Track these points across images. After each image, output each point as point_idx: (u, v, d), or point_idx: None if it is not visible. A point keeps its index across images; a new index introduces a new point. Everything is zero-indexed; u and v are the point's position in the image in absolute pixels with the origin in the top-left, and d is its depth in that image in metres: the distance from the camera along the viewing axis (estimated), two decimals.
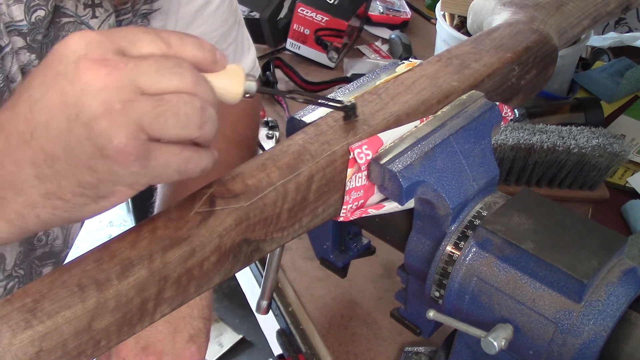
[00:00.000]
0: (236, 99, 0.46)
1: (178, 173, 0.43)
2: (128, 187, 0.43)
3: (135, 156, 0.40)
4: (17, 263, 0.75)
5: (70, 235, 0.84)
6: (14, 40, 0.61)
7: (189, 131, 0.42)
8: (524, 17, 0.77)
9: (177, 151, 0.42)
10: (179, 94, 0.41)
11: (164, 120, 0.40)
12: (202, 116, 0.42)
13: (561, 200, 1.02)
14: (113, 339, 0.44)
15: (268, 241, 0.51)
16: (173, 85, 0.41)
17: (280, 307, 0.94)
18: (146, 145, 0.40)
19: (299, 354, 0.89)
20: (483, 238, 0.54)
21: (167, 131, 0.41)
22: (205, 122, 0.42)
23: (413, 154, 0.56)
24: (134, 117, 0.39)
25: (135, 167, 0.41)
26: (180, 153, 0.42)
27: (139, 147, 0.40)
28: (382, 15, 1.52)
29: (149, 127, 0.40)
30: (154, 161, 0.41)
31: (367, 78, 0.64)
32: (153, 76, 0.40)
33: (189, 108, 0.41)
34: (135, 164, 0.41)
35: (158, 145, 0.41)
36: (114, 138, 0.39)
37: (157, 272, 0.44)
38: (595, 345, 0.50)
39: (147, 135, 0.40)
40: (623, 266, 0.53)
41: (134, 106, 0.39)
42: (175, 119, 0.41)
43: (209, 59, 0.44)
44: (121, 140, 0.39)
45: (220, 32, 0.83)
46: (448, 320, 0.57)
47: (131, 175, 0.41)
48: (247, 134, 0.89)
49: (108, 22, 0.68)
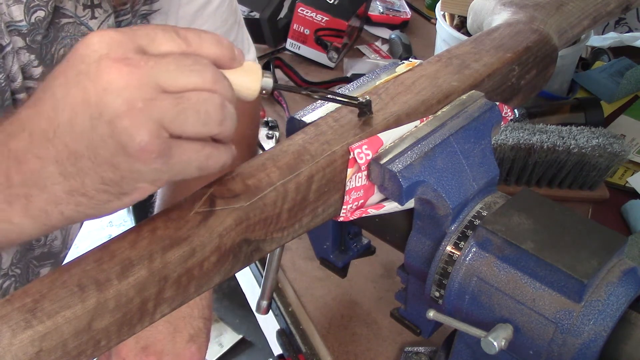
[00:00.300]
0: (253, 96, 0.46)
1: (199, 169, 0.43)
2: (150, 184, 0.43)
3: (157, 153, 0.41)
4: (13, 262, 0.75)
5: (70, 236, 0.84)
6: (14, 40, 0.61)
7: (210, 128, 0.42)
8: (524, 17, 0.77)
9: (198, 148, 0.43)
10: (199, 92, 0.41)
11: (185, 117, 0.41)
12: (222, 113, 0.42)
13: (561, 200, 1.02)
14: (113, 339, 0.44)
15: (268, 241, 0.51)
16: (193, 83, 0.41)
17: (280, 307, 0.94)
18: (168, 142, 0.41)
19: (299, 354, 0.89)
20: (483, 238, 0.54)
21: (188, 128, 0.41)
22: (225, 119, 0.43)
23: (413, 154, 0.56)
24: (155, 115, 0.40)
25: (157, 164, 0.41)
26: (201, 150, 0.43)
27: (160, 145, 0.40)
28: (382, 15, 1.52)
29: (170, 124, 0.40)
30: (175, 158, 0.42)
31: (367, 78, 0.64)
32: (173, 74, 0.41)
33: (209, 105, 0.42)
34: (157, 161, 0.41)
35: (179, 142, 0.42)
36: (137, 136, 0.40)
37: (157, 272, 0.44)
38: (595, 345, 0.50)
39: (169, 132, 0.41)
40: (623, 266, 0.53)
41: (155, 104, 0.40)
42: (196, 117, 0.41)
43: (227, 55, 0.44)
44: (143, 138, 0.40)
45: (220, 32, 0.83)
46: (448, 320, 0.57)
47: (153, 172, 0.42)
48: (247, 134, 0.89)
49: (107, 22, 0.68)
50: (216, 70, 0.43)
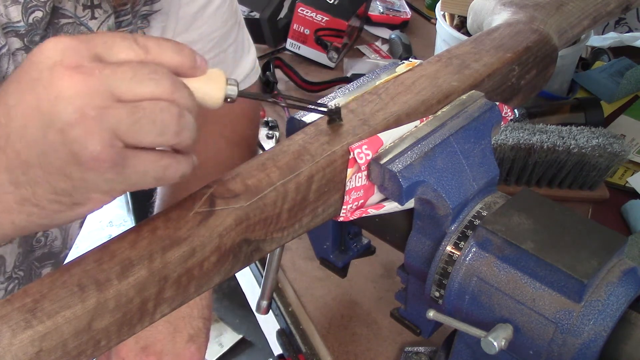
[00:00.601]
0: (217, 104, 0.45)
1: (156, 180, 0.43)
2: (104, 194, 0.43)
3: (110, 163, 0.40)
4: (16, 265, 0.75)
5: (69, 236, 0.84)
6: (11, 42, 0.61)
7: (166, 138, 0.41)
8: (524, 17, 0.77)
9: (155, 158, 0.42)
10: (156, 101, 0.40)
11: (140, 127, 0.40)
12: (180, 123, 0.41)
13: (561, 200, 1.02)
14: (113, 339, 0.44)
15: (268, 241, 0.51)
16: (149, 92, 0.40)
17: (280, 307, 0.94)
18: (122, 152, 0.40)
19: (299, 354, 0.89)
20: (483, 238, 0.54)
21: (143, 138, 0.40)
22: (182, 129, 0.42)
23: (413, 154, 0.56)
24: (109, 124, 0.39)
25: (111, 174, 0.41)
26: (157, 160, 0.42)
27: (114, 154, 0.40)
28: (382, 15, 1.52)
29: (124, 134, 0.40)
30: (130, 168, 0.41)
31: (367, 78, 0.64)
32: (129, 82, 0.40)
33: (166, 115, 0.41)
34: (111, 171, 0.40)
35: (135, 152, 0.41)
36: (89, 145, 0.39)
37: (157, 272, 0.44)
38: (595, 345, 0.50)
39: (123, 142, 0.40)
40: (623, 266, 0.53)
41: (109, 113, 0.39)
42: (152, 126, 0.40)
43: (187, 64, 0.44)
44: (96, 148, 0.39)
45: (220, 33, 0.83)
46: (448, 320, 0.57)
47: (106, 182, 0.41)
48: (247, 134, 0.89)
49: (107, 23, 0.68)
50: (175, 79, 0.42)
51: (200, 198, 0.48)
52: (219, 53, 0.84)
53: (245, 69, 0.89)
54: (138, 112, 0.40)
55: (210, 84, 0.45)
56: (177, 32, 0.78)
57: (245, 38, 0.91)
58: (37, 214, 0.43)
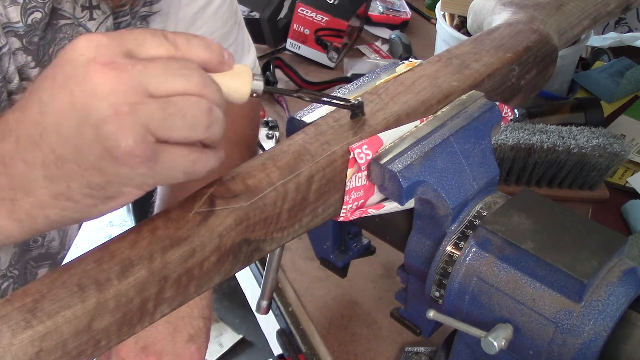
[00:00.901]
0: (243, 99, 0.46)
1: (185, 174, 0.43)
2: (136, 188, 0.43)
3: (143, 158, 0.40)
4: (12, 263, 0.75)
5: (67, 236, 0.84)
6: (11, 41, 0.61)
7: (196, 133, 0.42)
8: (524, 17, 0.77)
9: (185, 153, 0.42)
10: (186, 96, 0.41)
11: (171, 122, 0.41)
12: (209, 118, 0.42)
13: (561, 200, 1.02)
14: (113, 339, 0.44)
15: (268, 241, 0.51)
16: (180, 87, 0.41)
17: (280, 307, 0.94)
18: (154, 147, 0.41)
19: (299, 354, 0.89)
20: (483, 238, 0.54)
21: (174, 133, 0.41)
22: (212, 124, 0.42)
23: (413, 154, 0.56)
24: (141, 120, 0.40)
25: (143, 168, 0.41)
26: (187, 155, 0.43)
27: (146, 149, 0.40)
28: (382, 15, 1.52)
29: (156, 129, 0.40)
30: (161, 163, 0.42)
31: (367, 78, 0.64)
32: (160, 78, 0.41)
33: (196, 110, 0.41)
34: (143, 166, 0.41)
35: (166, 147, 0.42)
36: (122, 140, 0.39)
37: (157, 272, 0.44)
38: (595, 345, 0.50)
39: (155, 137, 0.41)
40: (623, 266, 0.53)
41: (141, 109, 0.40)
42: (183, 121, 0.41)
43: (216, 59, 0.44)
44: (129, 143, 0.40)
45: (220, 34, 0.83)
46: (448, 320, 0.57)
47: (139, 177, 0.42)
48: (247, 134, 0.89)
49: (106, 24, 0.68)
50: (204, 74, 0.43)
51: (200, 198, 0.48)
52: None
53: None
54: (169, 107, 0.40)
55: (237, 79, 0.45)
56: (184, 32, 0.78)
57: (245, 38, 0.91)
58: (71, 208, 0.44)
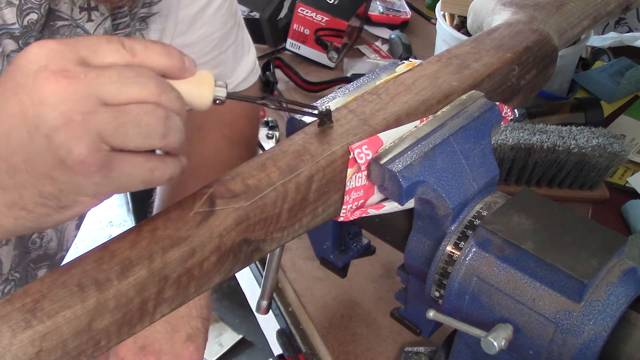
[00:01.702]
0: (206, 106, 0.45)
1: (143, 183, 0.43)
2: (91, 197, 0.43)
3: (97, 167, 0.40)
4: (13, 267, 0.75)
5: (65, 237, 0.84)
6: (6, 44, 0.61)
7: (152, 141, 0.41)
8: (524, 17, 0.77)
9: (141, 161, 0.42)
10: (142, 104, 0.41)
11: (125, 131, 0.40)
12: (166, 126, 0.41)
13: (561, 200, 1.02)
14: (113, 339, 0.44)
15: (268, 241, 0.51)
16: (135, 95, 0.40)
17: (280, 307, 0.94)
18: (108, 156, 0.40)
19: (299, 354, 0.89)
20: (483, 238, 0.54)
21: (129, 142, 0.41)
22: (169, 132, 0.42)
23: (413, 154, 0.56)
24: (94, 128, 0.39)
25: (97, 177, 0.41)
26: (144, 163, 0.42)
27: (100, 158, 0.40)
28: (382, 15, 1.52)
29: (110, 138, 0.40)
30: (116, 172, 0.41)
31: (367, 78, 0.64)
32: (114, 86, 0.40)
33: (152, 118, 0.41)
34: (97, 175, 0.41)
35: (121, 155, 0.41)
36: (74, 149, 0.39)
37: (157, 272, 0.44)
38: (595, 345, 0.50)
39: (109, 146, 0.40)
40: (623, 266, 0.53)
41: (94, 117, 0.39)
42: (137, 130, 0.40)
43: (176, 66, 0.44)
44: (82, 152, 0.39)
45: (220, 34, 0.83)
46: (448, 320, 0.57)
47: (93, 186, 0.41)
48: (246, 134, 0.89)
49: (104, 25, 0.68)
50: (161, 81, 0.42)
51: (200, 198, 0.48)
52: (218, 54, 0.84)
53: (245, 69, 0.89)
54: (123, 115, 0.40)
55: (199, 86, 0.45)
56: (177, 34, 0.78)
57: (245, 39, 0.91)
58: (25, 217, 0.43)
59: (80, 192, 0.42)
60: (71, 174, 0.40)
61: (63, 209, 0.43)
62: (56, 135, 0.39)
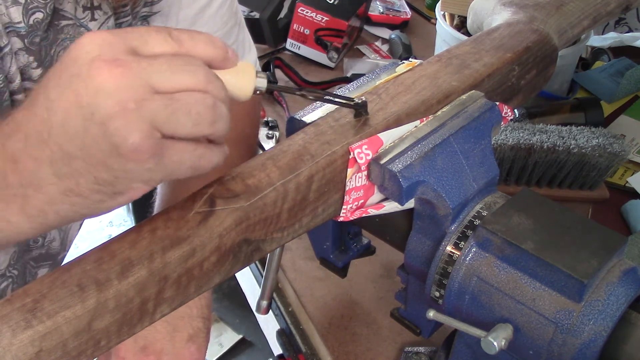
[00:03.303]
0: (247, 96, 0.47)
1: (191, 169, 0.44)
2: (143, 184, 0.44)
3: (150, 154, 0.41)
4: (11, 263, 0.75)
5: (68, 237, 0.84)
6: (13, 42, 0.61)
7: (201, 128, 0.42)
8: (524, 17, 0.77)
9: (190, 148, 0.43)
10: (191, 92, 0.42)
11: (177, 118, 0.41)
12: (214, 114, 0.43)
13: (561, 200, 1.02)
14: (113, 339, 0.44)
15: (268, 241, 0.51)
16: (185, 83, 0.41)
17: (280, 307, 0.94)
18: (160, 143, 0.41)
19: (299, 354, 0.89)
20: (483, 238, 0.54)
21: (179, 129, 0.42)
22: (216, 120, 0.43)
23: (413, 154, 0.56)
24: (147, 116, 0.40)
25: (150, 164, 0.42)
26: (193, 150, 0.43)
27: (153, 145, 0.41)
28: (382, 15, 1.51)
29: (162, 125, 0.41)
30: (167, 158, 0.42)
31: (367, 78, 0.64)
32: (165, 75, 0.41)
33: (201, 106, 0.42)
34: (150, 162, 0.41)
35: (172, 142, 0.42)
36: (129, 137, 0.40)
37: (157, 272, 0.44)
38: (595, 345, 0.50)
39: (161, 133, 0.41)
40: (623, 266, 0.53)
41: (147, 105, 0.40)
42: (188, 117, 0.41)
43: (220, 56, 0.45)
44: (135, 139, 0.40)
45: (221, 34, 0.83)
46: (448, 320, 0.57)
47: (146, 172, 0.42)
48: (247, 133, 0.89)
49: (107, 24, 0.68)
50: (208, 70, 0.43)
51: (200, 198, 0.48)
52: None
53: None
54: (174, 103, 0.41)
55: (241, 76, 0.46)
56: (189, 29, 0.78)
57: (246, 38, 0.91)
58: (81, 203, 0.44)
59: (133, 178, 0.43)
60: (125, 161, 0.41)
61: (117, 195, 0.44)
62: (111, 123, 0.40)
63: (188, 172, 0.44)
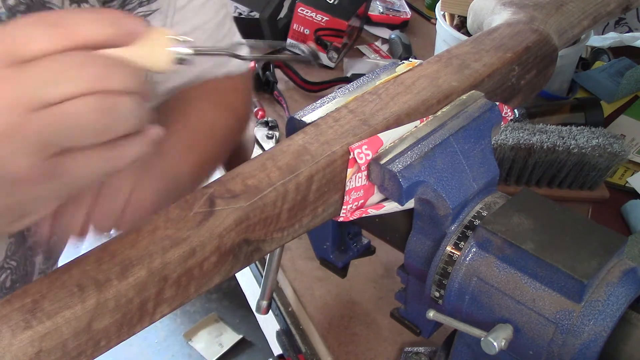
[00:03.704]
0: (166, 67, 0.40)
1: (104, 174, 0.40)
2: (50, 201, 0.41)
3: (43, 177, 0.37)
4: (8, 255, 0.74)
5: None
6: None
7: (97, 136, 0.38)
8: (524, 17, 0.77)
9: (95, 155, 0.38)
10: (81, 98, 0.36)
11: (66, 133, 0.36)
12: (112, 115, 0.37)
13: (561, 200, 1.02)
14: (113, 339, 0.44)
15: (268, 241, 0.51)
16: (70, 91, 0.36)
17: (280, 307, 0.94)
18: (54, 161, 0.37)
19: (299, 354, 0.89)
20: (483, 238, 0.54)
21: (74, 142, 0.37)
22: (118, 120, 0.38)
23: (413, 154, 0.56)
24: (32, 138, 0.36)
25: (48, 184, 0.38)
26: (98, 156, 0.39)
27: (45, 167, 0.37)
28: (382, 15, 1.51)
29: (51, 143, 0.37)
30: (68, 173, 0.38)
31: (367, 78, 0.64)
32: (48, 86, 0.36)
33: (92, 113, 0.36)
34: (47, 182, 0.38)
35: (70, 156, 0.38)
36: (11, 166, 0.36)
37: (157, 272, 0.44)
38: (595, 345, 0.50)
39: (52, 151, 0.37)
40: (623, 266, 0.53)
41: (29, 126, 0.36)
42: (79, 129, 0.37)
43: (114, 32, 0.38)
44: (21, 166, 0.36)
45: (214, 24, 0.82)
46: (448, 320, 0.57)
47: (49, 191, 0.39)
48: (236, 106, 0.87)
49: None
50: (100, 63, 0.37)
51: (200, 198, 0.48)
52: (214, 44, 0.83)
53: None
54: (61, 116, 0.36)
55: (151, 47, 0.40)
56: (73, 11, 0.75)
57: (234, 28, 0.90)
58: None
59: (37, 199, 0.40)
60: (20, 187, 0.38)
61: (23, 217, 0.42)
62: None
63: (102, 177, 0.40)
